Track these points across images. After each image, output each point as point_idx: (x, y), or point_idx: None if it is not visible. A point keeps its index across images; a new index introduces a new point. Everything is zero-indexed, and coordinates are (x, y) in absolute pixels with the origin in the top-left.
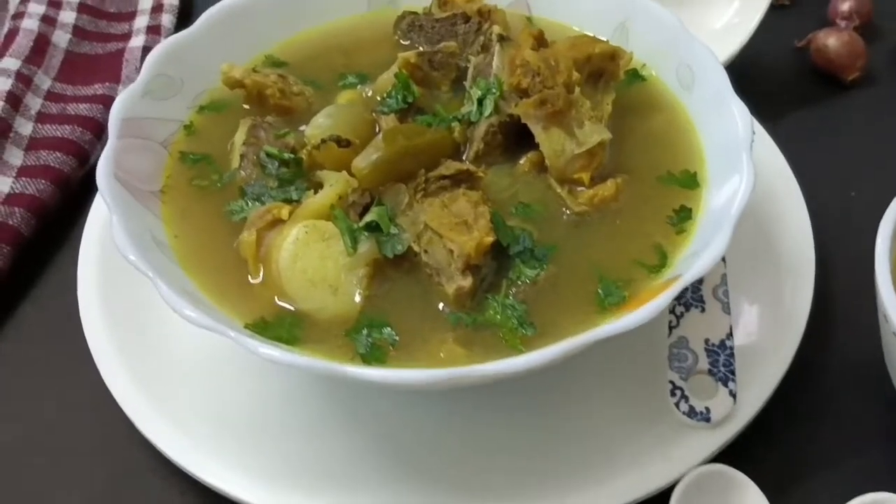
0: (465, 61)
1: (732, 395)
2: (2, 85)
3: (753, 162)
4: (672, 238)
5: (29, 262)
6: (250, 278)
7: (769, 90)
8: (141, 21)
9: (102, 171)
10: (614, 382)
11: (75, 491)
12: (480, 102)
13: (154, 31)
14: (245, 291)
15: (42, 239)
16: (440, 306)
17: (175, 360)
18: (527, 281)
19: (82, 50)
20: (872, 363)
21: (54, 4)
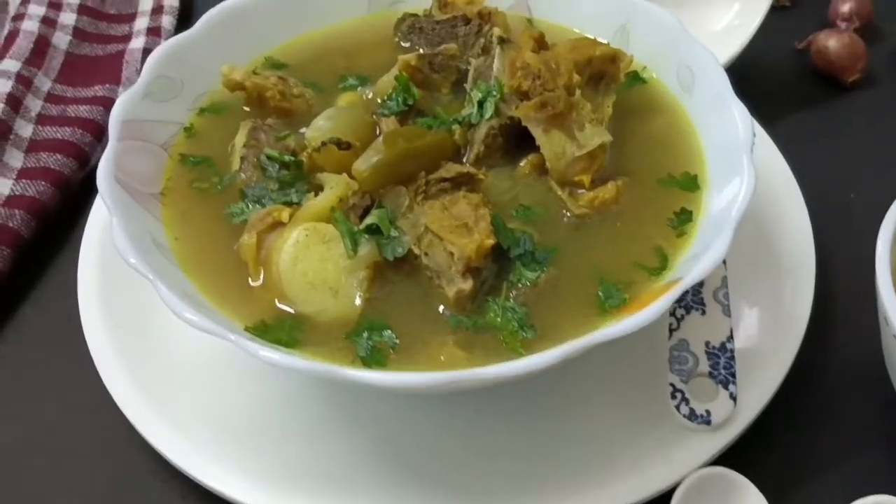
0: (466, 63)
1: (733, 398)
2: (2, 87)
3: (754, 164)
4: (673, 240)
5: (29, 264)
6: (251, 281)
7: (769, 91)
8: (141, 23)
9: (103, 174)
10: (614, 385)
11: (75, 494)
12: (481, 105)
13: (154, 33)
14: (245, 294)
15: (42, 241)
16: (440, 309)
17: (176, 363)
18: (527, 283)
19: (82, 52)
20: (873, 365)
21: (54, 6)
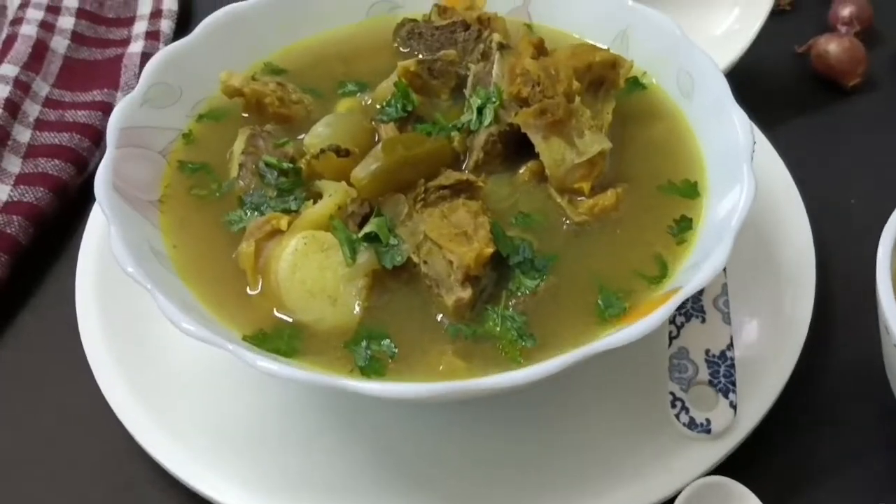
0: (465, 69)
1: (733, 407)
2: (0, 92)
3: (754, 171)
4: (672, 248)
5: (27, 271)
6: (249, 289)
7: (769, 96)
8: (140, 27)
9: (101, 182)
10: (614, 394)
11: (73, 502)
12: (480, 111)
13: (153, 37)
14: (244, 302)
15: (40, 247)
16: (439, 317)
17: (174, 372)
18: (526, 292)
19: (81, 56)
20: (873, 373)
21: (53, 10)
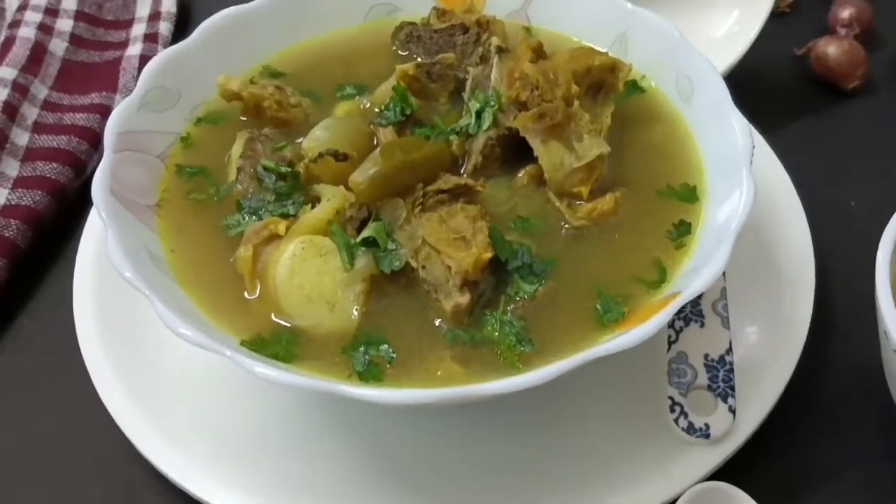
0: (464, 72)
1: (732, 411)
2: None
3: (753, 174)
4: (671, 253)
5: (25, 275)
6: (247, 294)
7: (769, 98)
8: (138, 29)
9: (98, 187)
10: (613, 398)
11: None
12: (479, 115)
13: (151, 40)
14: (242, 307)
15: (38, 250)
16: (437, 323)
17: (172, 378)
18: (525, 296)
19: (79, 58)
20: (872, 378)
21: (51, 12)
